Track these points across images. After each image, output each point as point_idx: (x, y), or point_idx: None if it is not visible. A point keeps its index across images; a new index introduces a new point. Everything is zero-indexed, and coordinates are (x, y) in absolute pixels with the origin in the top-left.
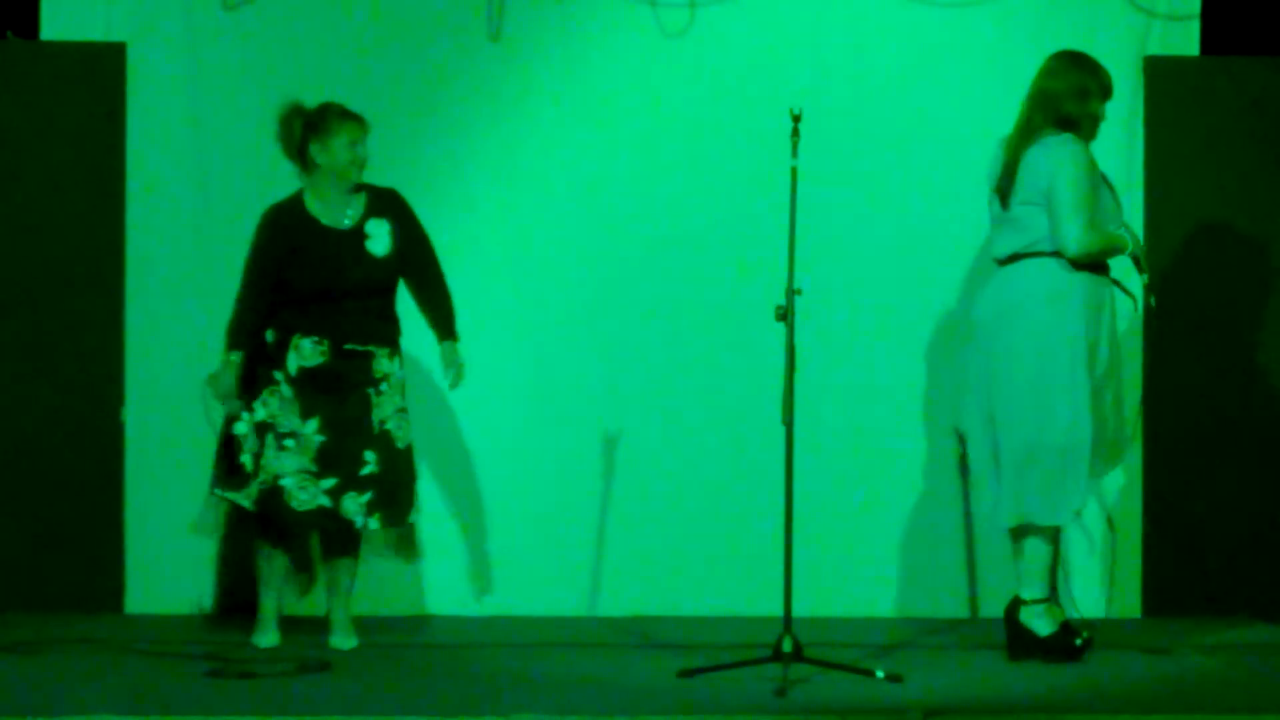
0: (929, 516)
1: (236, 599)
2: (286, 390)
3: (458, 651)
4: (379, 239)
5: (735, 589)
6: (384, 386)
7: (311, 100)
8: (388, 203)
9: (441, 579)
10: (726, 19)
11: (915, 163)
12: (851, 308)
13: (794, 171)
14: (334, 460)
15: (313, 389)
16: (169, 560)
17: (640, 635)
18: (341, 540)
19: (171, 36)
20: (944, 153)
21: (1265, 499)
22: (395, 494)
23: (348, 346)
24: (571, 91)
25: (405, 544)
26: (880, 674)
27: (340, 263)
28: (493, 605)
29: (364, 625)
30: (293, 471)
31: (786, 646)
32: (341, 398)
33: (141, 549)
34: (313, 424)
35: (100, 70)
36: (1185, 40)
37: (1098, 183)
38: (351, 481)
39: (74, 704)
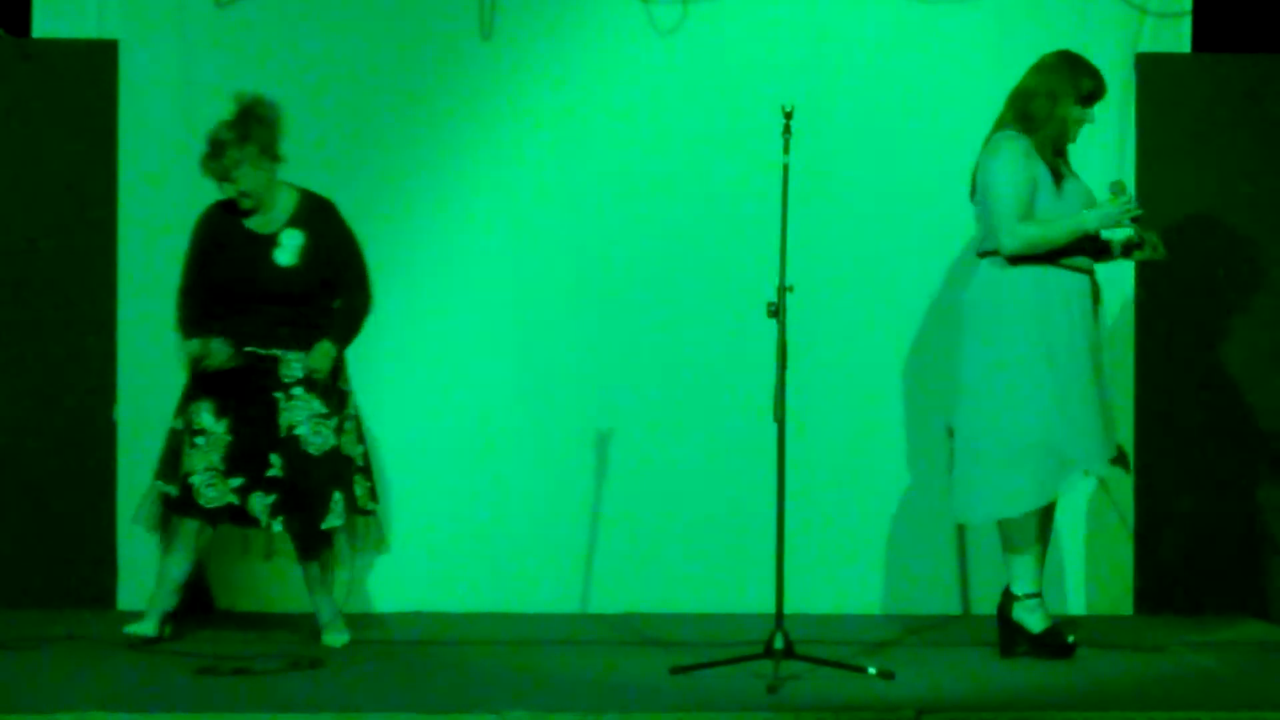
0: (920, 513)
1: (230, 596)
2: (202, 388)
3: (450, 648)
4: (287, 249)
5: (727, 586)
6: (296, 391)
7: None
8: (312, 213)
9: (434, 576)
10: (719, 15)
11: (908, 159)
12: (843, 305)
13: (786, 168)
14: (240, 460)
15: (224, 389)
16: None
17: (632, 632)
18: (301, 541)
19: (164, 34)
20: (937, 149)
21: (1258, 495)
22: (302, 500)
23: (248, 349)
24: (563, 88)
25: (364, 538)
26: (872, 671)
27: (246, 267)
28: (485, 602)
29: (357, 622)
30: (201, 469)
31: (778, 643)
32: (249, 399)
33: (133, 546)
34: (223, 424)
35: (92, 68)
36: (1176, 37)
37: (1033, 177)
38: (258, 482)
39: (65, 700)
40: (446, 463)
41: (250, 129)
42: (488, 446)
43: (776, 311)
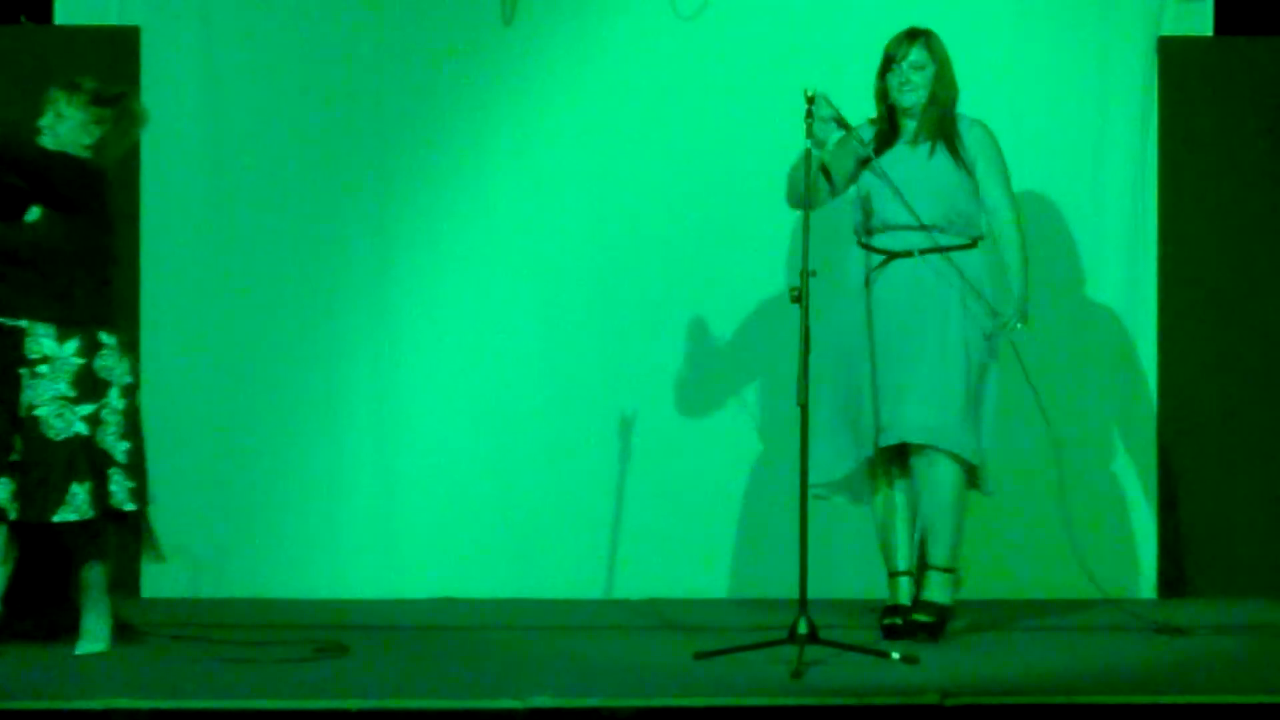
0: None
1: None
2: None
3: (474, 634)
4: (39, 207)
5: (750, 571)
6: (41, 369)
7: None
8: None
9: (457, 561)
10: (741, 0)
11: None
12: None
13: (808, 153)
14: None
15: None
16: (184, 545)
17: (656, 618)
18: (71, 539)
19: (186, 21)
20: None
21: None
22: (34, 489)
23: None
24: (585, 74)
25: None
26: (896, 656)
27: (11, 224)
28: (509, 588)
29: (380, 608)
30: None
31: (802, 629)
32: None
33: (158, 534)
34: None
35: (114, 54)
36: (1199, 20)
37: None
38: (3, 468)
39: (90, 689)
40: (470, 448)
41: (114, 101)
42: (510, 432)
43: (799, 296)
